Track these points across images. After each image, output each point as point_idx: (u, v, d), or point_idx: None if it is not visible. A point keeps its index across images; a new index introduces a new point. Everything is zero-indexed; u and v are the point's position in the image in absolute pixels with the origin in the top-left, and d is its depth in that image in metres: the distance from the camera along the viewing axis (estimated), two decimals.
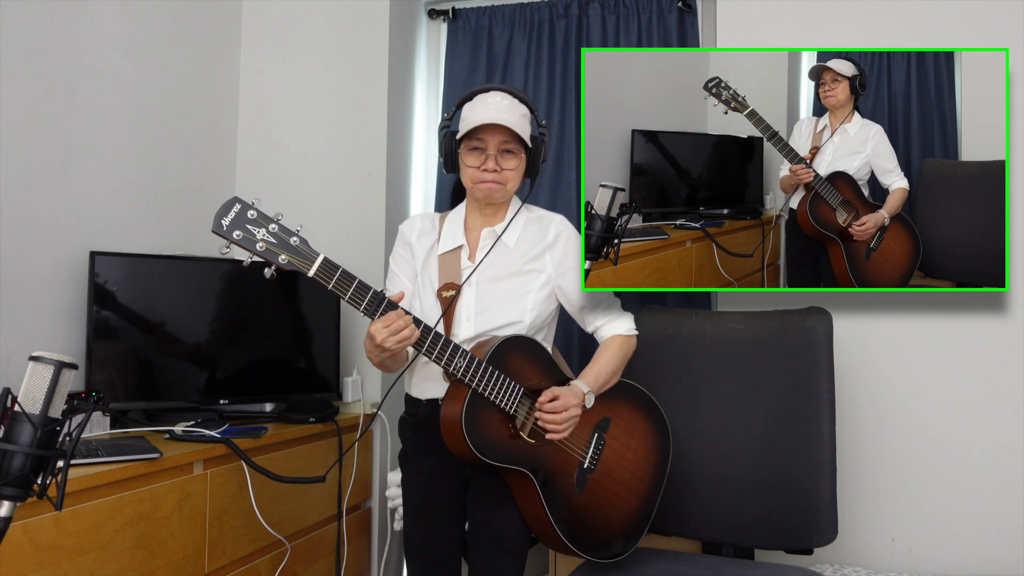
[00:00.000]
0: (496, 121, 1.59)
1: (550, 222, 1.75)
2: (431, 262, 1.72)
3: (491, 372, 1.56)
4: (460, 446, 1.55)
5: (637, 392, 1.82)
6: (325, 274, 1.44)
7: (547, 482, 1.63)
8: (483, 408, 1.56)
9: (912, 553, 2.25)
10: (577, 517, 1.67)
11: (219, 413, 2.22)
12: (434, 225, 1.76)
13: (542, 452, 1.63)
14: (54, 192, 2.02)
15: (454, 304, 1.65)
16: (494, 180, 1.64)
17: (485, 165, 1.63)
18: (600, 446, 1.71)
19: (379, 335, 1.47)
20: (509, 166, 1.64)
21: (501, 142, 1.62)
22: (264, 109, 2.72)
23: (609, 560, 1.74)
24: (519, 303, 1.67)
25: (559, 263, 1.72)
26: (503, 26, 2.74)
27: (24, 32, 1.93)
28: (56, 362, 1.05)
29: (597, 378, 1.70)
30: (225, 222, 1.38)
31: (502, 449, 1.58)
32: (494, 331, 1.64)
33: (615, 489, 1.73)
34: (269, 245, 1.40)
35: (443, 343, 1.53)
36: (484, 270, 1.67)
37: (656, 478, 1.81)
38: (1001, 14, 2.26)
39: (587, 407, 1.66)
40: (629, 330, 1.80)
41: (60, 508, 1.07)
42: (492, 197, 1.67)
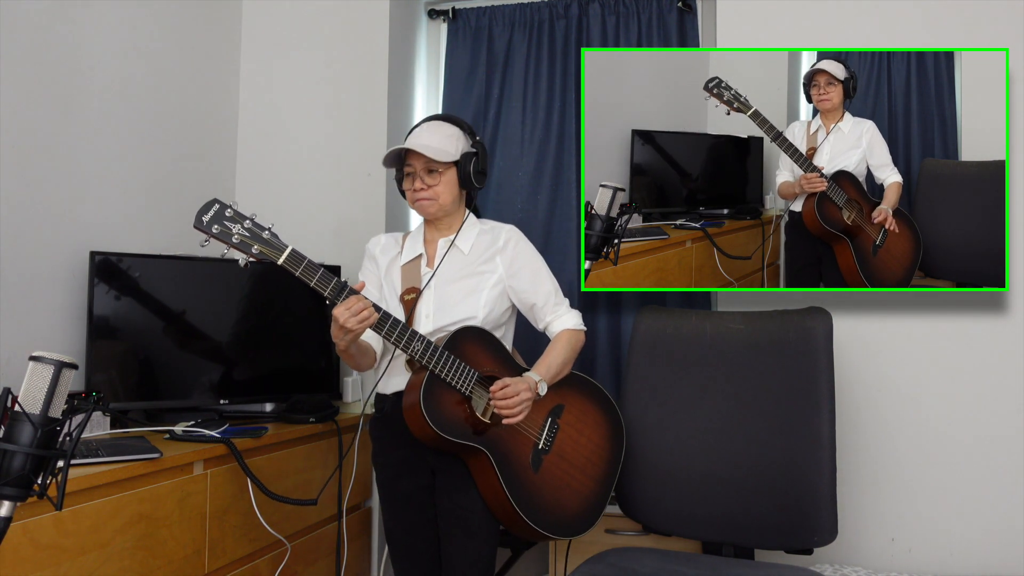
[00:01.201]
0: (410, 147, 1.80)
1: (500, 231, 1.91)
2: (394, 272, 1.90)
3: (447, 356, 1.71)
4: (422, 427, 1.68)
5: (589, 384, 1.95)
6: (293, 263, 1.60)
7: (503, 461, 1.75)
8: (441, 390, 1.71)
9: (912, 553, 2.25)
10: (534, 496, 1.78)
11: (219, 413, 2.22)
12: (396, 242, 1.95)
13: (498, 433, 1.75)
14: (54, 192, 2.02)
15: (415, 305, 1.82)
16: (425, 196, 1.83)
17: (415, 185, 1.84)
18: (554, 430, 1.85)
19: (341, 316, 1.60)
20: (433, 182, 1.83)
21: (425, 163, 1.82)
22: (264, 109, 2.72)
23: (567, 538, 1.86)
24: (473, 300, 1.83)
25: (509, 264, 1.87)
26: (503, 26, 2.74)
27: (24, 32, 1.93)
28: (56, 362, 1.05)
29: (548, 368, 1.83)
30: (205, 219, 1.55)
31: (459, 427, 1.71)
32: (450, 326, 1.79)
33: (570, 471, 1.85)
34: (243, 238, 1.57)
35: (401, 327, 1.69)
36: (441, 274, 1.85)
37: (611, 463, 1.93)
38: (1001, 14, 2.26)
39: (540, 395, 1.79)
40: (577, 324, 1.92)
41: (60, 508, 1.07)
42: (427, 211, 1.86)
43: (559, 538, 1.84)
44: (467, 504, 1.78)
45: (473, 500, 1.78)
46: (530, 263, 1.89)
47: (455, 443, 1.70)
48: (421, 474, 1.83)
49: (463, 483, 1.78)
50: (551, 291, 1.89)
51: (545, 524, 1.79)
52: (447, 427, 1.69)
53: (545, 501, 1.80)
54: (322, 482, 2.19)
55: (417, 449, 1.78)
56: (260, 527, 1.94)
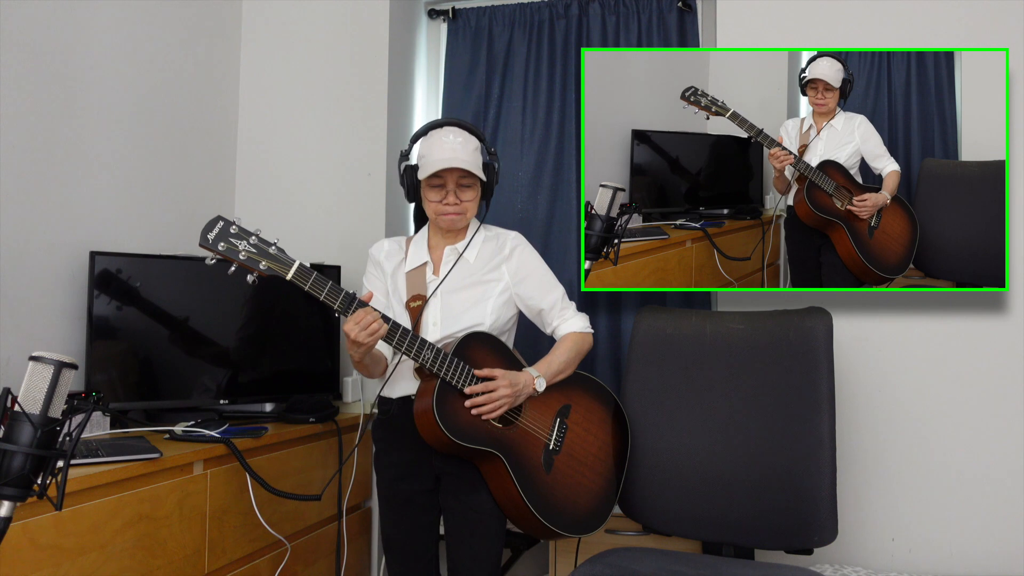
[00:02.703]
0: (454, 165, 1.76)
1: (506, 238, 1.92)
2: (399, 279, 1.89)
3: (456, 362, 1.72)
4: (435, 434, 1.69)
5: (593, 382, 1.97)
6: (301, 277, 1.61)
7: (517, 463, 1.76)
8: (452, 396, 1.72)
9: (912, 553, 2.25)
10: (547, 496, 1.80)
11: (219, 413, 2.22)
12: (400, 247, 1.93)
13: (510, 435, 1.77)
14: (54, 192, 2.02)
15: (422, 312, 1.81)
16: (455, 212, 1.82)
17: (446, 200, 1.81)
18: (563, 430, 1.86)
19: (352, 332, 1.62)
20: (467, 198, 1.83)
21: (459, 178, 1.81)
22: (264, 109, 2.72)
23: (579, 536, 1.87)
24: (480, 308, 1.84)
25: (515, 272, 1.88)
26: (503, 26, 2.74)
27: (24, 32, 1.93)
28: (56, 362, 1.05)
29: (549, 367, 1.84)
30: (210, 236, 1.56)
31: (473, 432, 1.72)
32: (458, 334, 1.79)
33: (581, 470, 1.87)
34: (250, 254, 1.58)
35: (412, 337, 1.69)
36: (448, 283, 1.84)
37: (618, 460, 1.96)
38: (1001, 14, 2.26)
39: (538, 391, 1.80)
40: (584, 327, 1.93)
41: (60, 508, 1.07)
42: (454, 226, 1.85)
43: (574, 536, 1.85)
44: (476, 505, 1.79)
45: (482, 501, 1.79)
46: (536, 270, 1.90)
47: (469, 448, 1.70)
48: (424, 478, 1.83)
49: (472, 484, 1.79)
50: (558, 296, 1.91)
51: (560, 523, 1.80)
52: (461, 433, 1.69)
53: (558, 500, 1.82)
54: (322, 482, 2.19)
55: (421, 452, 1.79)
56: (260, 527, 1.94)
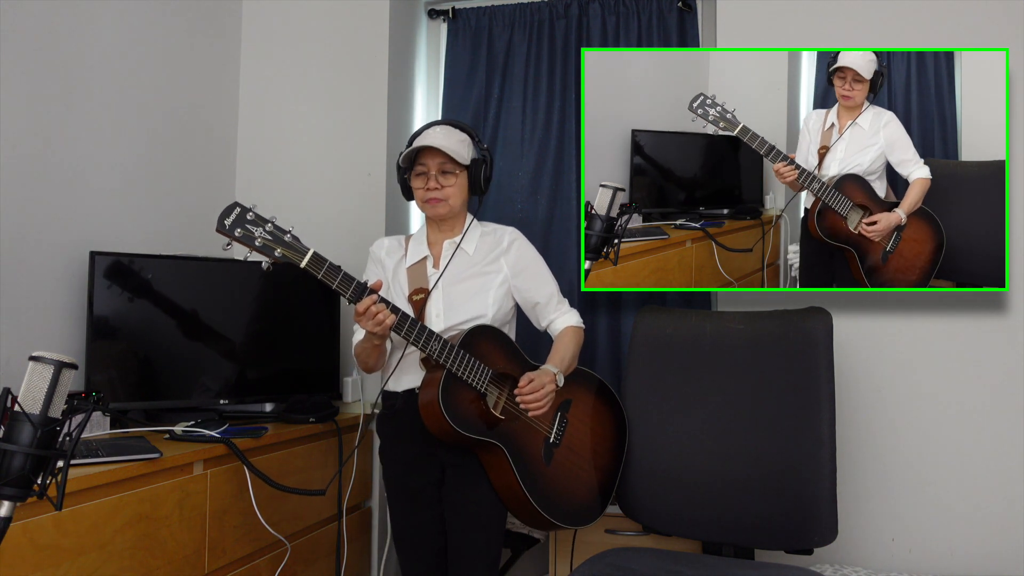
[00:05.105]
0: (431, 144, 1.83)
1: (503, 233, 1.97)
2: (400, 274, 1.93)
3: (463, 355, 1.75)
4: (440, 424, 1.72)
5: (593, 378, 2.01)
6: (315, 265, 1.64)
7: (518, 455, 1.80)
8: (457, 388, 1.76)
9: (912, 553, 2.25)
10: (547, 488, 1.84)
11: (219, 413, 2.22)
12: (400, 244, 1.98)
13: (512, 428, 1.81)
14: (54, 192, 2.02)
15: (425, 304, 1.86)
16: (436, 196, 1.86)
17: (428, 184, 1.86)
18: (563, 424, 1.91)
19: (366, 325, 1.68)
20: (448, 183, 1.87)
21: (440, 164, 1.86)
22: (264, 109, 2.72)
23: (575, 527, 1.93)
24: (481, 298, 1.88)
25: (513, 264, 1.93)
26: (503, 26, 2.74)
27: (24, 32, 1.93)
28: (56, 362, 1.05)
29: (562, 361, 1.90)
30: (227, 222, 1.58)
31: (477, 423, 1.76)
32: (461, 324, 1.84)
33: (580, 463, 1.92)
34: (266, 241, 1.61)
35: (420, 327, 1.73)
36: (448, 275, 1.88)
37: (616, 454, 1.99)
38: (1001, 14, 2.26)
39: (559, 385, 1.85)
40: (579, 322, 1.99)
41: (60, 508, 1.07)
42: (436, 211, 1.89)
43: (569, 527, 1.89)
44: (477, 498, 1.82)
45: (483, 494, 1.82)
46: (533, 263, 1.96)
47: (472, 438, 1.74)
48: (431, 470, 1.86)
49: (473, 478, 1.82)
50: (553, 291, 1.97)
51: (557, 514, 1.84)
52: (464, 423, 1.73)
53: (557, 492, 1.85)
54: (322, 482, 2.19)
55: (427, 445, 1.83)
56: (260, 527, 1.93)
